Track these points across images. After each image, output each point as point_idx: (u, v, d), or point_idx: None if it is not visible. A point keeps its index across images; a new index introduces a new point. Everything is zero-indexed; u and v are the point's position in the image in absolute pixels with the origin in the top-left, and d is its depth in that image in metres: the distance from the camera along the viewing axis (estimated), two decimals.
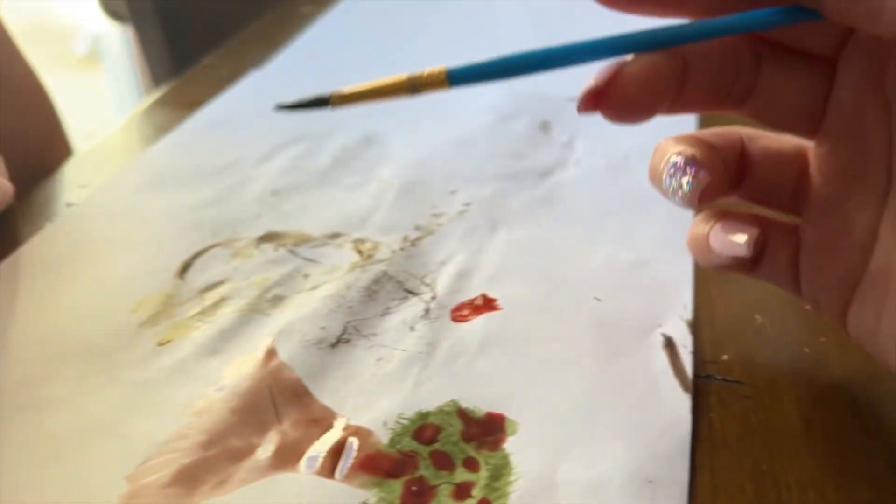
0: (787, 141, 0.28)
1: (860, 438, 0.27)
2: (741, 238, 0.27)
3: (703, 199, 0.25)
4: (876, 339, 0.25)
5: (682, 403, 0.28)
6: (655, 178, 0.27)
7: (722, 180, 0.26)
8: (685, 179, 0.25)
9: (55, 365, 0.30)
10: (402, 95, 0.26)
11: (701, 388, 0.29)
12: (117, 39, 1.51)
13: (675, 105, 0.26)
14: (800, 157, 0.27)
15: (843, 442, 0.27)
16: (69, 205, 0.40)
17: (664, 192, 0.26)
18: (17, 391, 0.28)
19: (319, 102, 0.27)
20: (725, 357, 0.30)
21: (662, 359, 0.30)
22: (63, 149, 0.60)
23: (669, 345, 0.30)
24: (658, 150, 0.27)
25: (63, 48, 2.39)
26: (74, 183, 0.42)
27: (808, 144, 0.27)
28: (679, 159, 0.25)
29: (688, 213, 0.37)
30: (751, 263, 0.28)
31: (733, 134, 0.28)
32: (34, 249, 0.36)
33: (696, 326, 0.32)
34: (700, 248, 0.28)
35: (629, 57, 0.24)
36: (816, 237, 0.27)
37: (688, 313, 0.32)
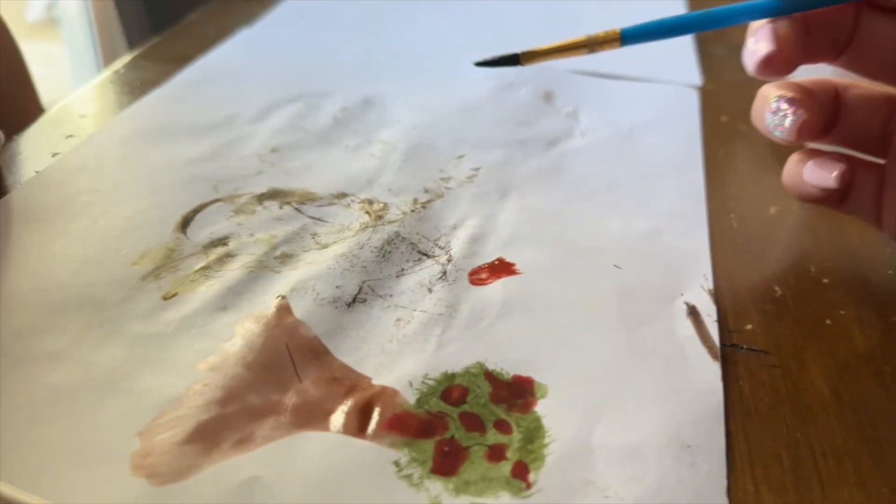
0: (877, 89, 0.30)
1: (888, 408, 0.27)
2: (832, 171, 0.30)
3: (800, 135, 0.28)
4: None
5: (712, 371, 0.27)
6: (758, 119, 0.30)
7: (818, 120, 0.29)
8: (787, 118, 0.28)
9: (53, 316, 0.28)
10: (581, 54, 0.30)
11: (728, 356, 0.29)
12: (76, 6, 1.46)
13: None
14: (889, 103, 0.30)
15: (873, 413, 0.27)
16: (55, 154, 0.37)
17: (766, 129, 0.29)
18: (13, 343, 0.27)
19: (511, 60, 0.30)
20: (749, 327, 0.30)
21: (688, 327, 0.29)
22: (35, 110, 0.57)
23: (693, 313, 0.30)
24: (760, 95, 0.30)
25: (15, 14, 2.30)
26: (60, 133, 0.40)
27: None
28: (781, 100, 0.29)
29: (698, 187, 0.37)
30: (839, 197, 0.31)
31: (828, 83, 0.30)
32: (23, 198, 0.34)
33: (717, 296, 0.31)
34: (794, 181, 0.31)
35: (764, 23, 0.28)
36: None
37: (709, 283, 0.32)
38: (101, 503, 0.22)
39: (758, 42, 0.28)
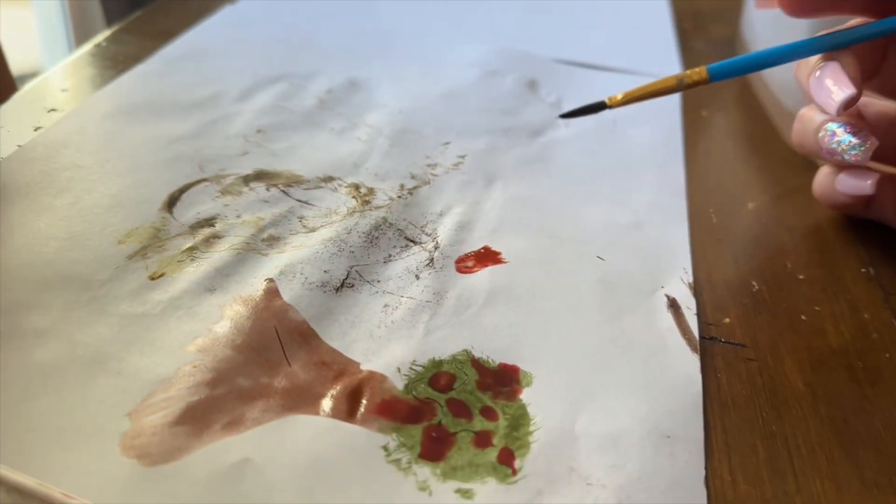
0: (893, 105, 0.34)
1: (859, 402, 0.28)
2: (867, 180, 0.33)
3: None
4: None
5: (691, 363, 0.28)
6: (807, 141, 0.34)
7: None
8: (862, 147, 0.31)
9: (39, 293, 0.28)
10: (671, 93, 0.31)
11: (706, 348, 0.29)
12: None
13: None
14: None
15: (845, 407, 0.27)
16: (38, 128, 0.37)
17: (824, 152, 0.32)
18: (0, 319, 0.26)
19: (598, 107, 0.32)
20: (727, 320, 0.31)
21: (668, 319, 0.30)
22: (5, 77, 0.56)
23: (674, 305, 0.31)
24: (805, 118, 0.34)
25: None
26: (41, 107, 0.39)
27: None
28: (845, 128, 0.31)
29: (678, 180, 0.38)
30: (865, 203, 0.35)
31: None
32: (5, 172, 0.33)
33: (696, 289, 0.32)
34: (826, 191, 0.35)
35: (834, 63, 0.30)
36: None
37: (688, 276, 0.32)
38: (91, 483, 0.22)
39: (837, 85, 0.29)
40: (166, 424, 0.23)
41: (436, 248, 0.32)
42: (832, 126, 0.32)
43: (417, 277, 0.31)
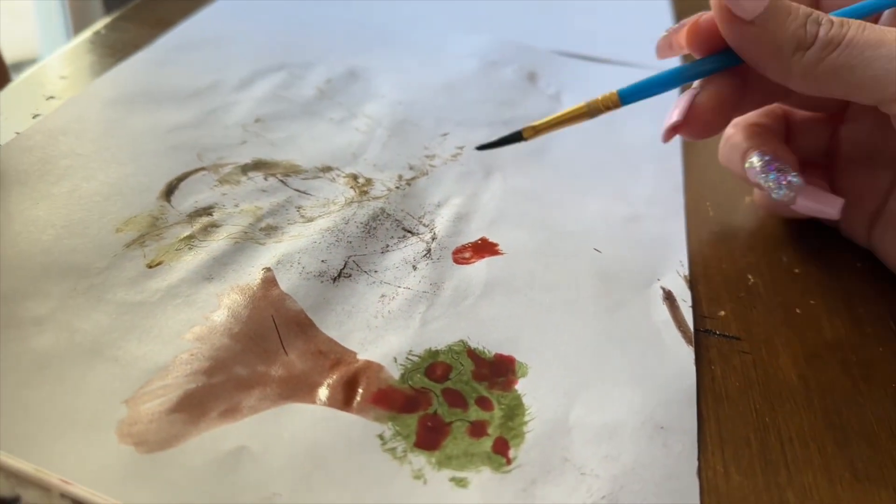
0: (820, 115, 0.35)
1: (853, 396, 0.28)
2: (832, 207, 0.32)
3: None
4: (889, 256, 0.33)
5: (685, 355, 0.28)
6: (730, 164, 0.34)
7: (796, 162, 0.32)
8: (783, 189, 0.31)
9: (37, 282, 0.28)
10: (583, 121, 0.32)
11: (701, 341, 0.30)
12: None
13: (739, 110, 0.33)
14: (832, 121, 0.34)
15: (838, 400, 0.28)
16: (36, 116, 0.37)
17: (749, 180, 0.32)
18: None
19: (514, 138, 0.32)
20: (722, 313, 0.31)
21: (663, 311, 0.30)
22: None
23: (669, 298, 0.31)
24: (729, 143, 0.34)
25: None
26: (40, 94, 0.39)
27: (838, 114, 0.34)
28: (767, 163, 0.31)
29: (676, 174, 0.38)
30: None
31: (777, 110, 0.35)
32: (4, 160, 0.33)
33: (692, 282, 0.32)
34: (765, 201, 0.36)
35: (696, 86, 0.31)
36: (847, 185, 0.33)
37: (684, 269, 0.32)
38: (88, 469, 0.22)
39: (672, 111, 0.31)
40: (163, 412, 0.24)
41: (433, 239, 0.32)
42: (755, 160, 0.31)
43: (415, 268, 0.31)
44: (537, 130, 0.32)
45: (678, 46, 0.31)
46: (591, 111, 0.31)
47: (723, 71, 0.30)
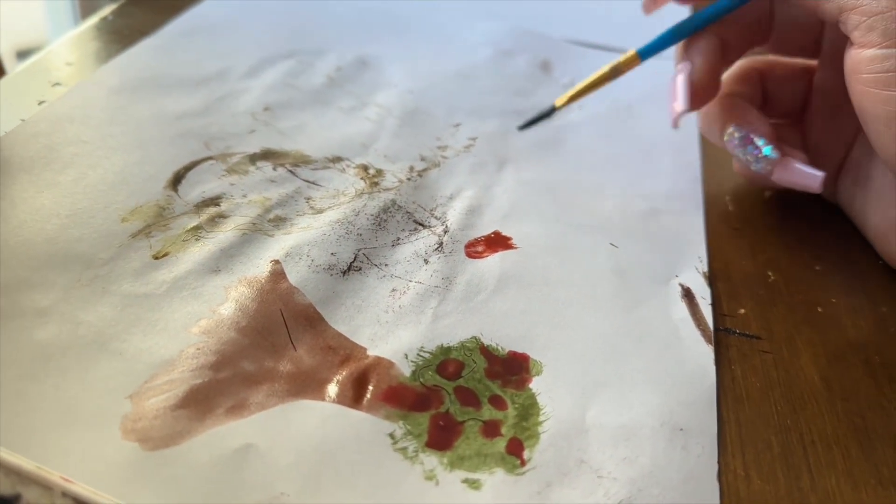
0: (796, 62, 0.35)
1: (877, 398, 0.27)
2: (812, 181, 0.32)
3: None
4: (852, 208, 0.34)
5: (705, 354, 0.28)
6: (710, 135, 0.35)
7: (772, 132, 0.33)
8: (761, 162, 0.32)
9: (40, 271, 0.27)
10: (608, 82, 0.34)
11: (720, 340, 0.29)
12: None
13: (726, 67, 0.35)
14: (806, 74, 0.35)
15: (862, 402, 0.27)
16: (41, 102, 0.36)
17: (734, 155, 0.33)
18: (0, 296, 0.26)
19: (547, 113, 0.35)
20: (742, 311, 0.30)
21: (682, 309, 0.29)
22: None
23: (688, 295, 0.30)
24: (706, 114, 0.35)
25: None
26: (46, 80, 0.38)
27: (812, 63, 0.35)
28: (745, 135, 0.32)
29: (694, 167, 0.37)
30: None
31: (752, 71, 0.35)
32: (9, 146, 0.33)
33: (711, 279, 0.31)
34: (745, 170, 0.35)
35: (681, 66, 0.33)
36: (816, 138, 0.35)
37: (703, 265, 0.32)
38: (90, 467, 0.21)
39: (675, 102, 0.32)
40: (168, 408, 0.23)
41: (445, 231, 0.32)
42: (733, 132, 0.32)
43: (426, 262, 0.30)
44: (568, 100, 0.34)
45: None
46: (614, 72, 0.33)
47: (702, 37, 0.32)
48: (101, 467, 0.21)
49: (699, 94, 0.32)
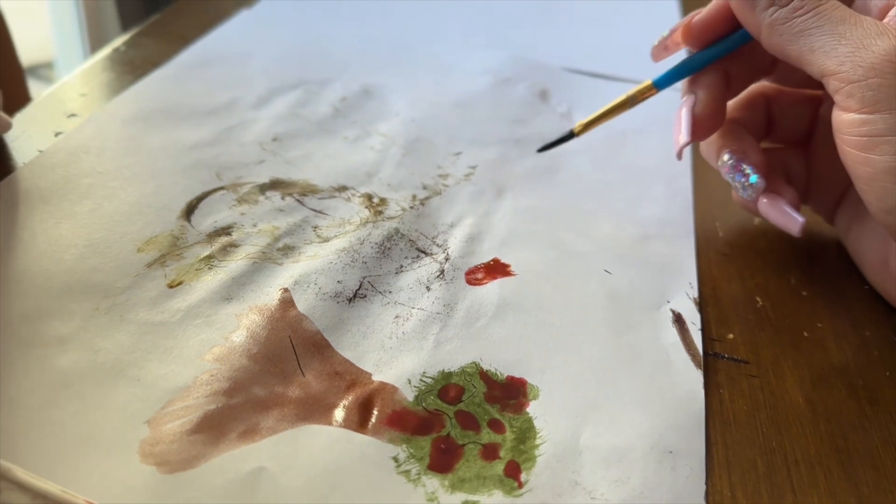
0: (804, 91, 0.36)
1: (859, 420, 0.28)
2: (793, 225, 0.32)
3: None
4: (848, 239, 0.35)
5: (694, 379, 0.29)
6: (711, 160, 0.36)
7: (764, 163, 0.34)
8: (748, 189, 0.33)
9: (60, 301, 0.29)
10: (625, 110, 0.36)
11: (710, 364, 0.30)
12: None
13: (731, 96, 0.35)
14: (814, 102, 0.36)
15: (844, 424, 0.28)
16: (58, 133, 0.38)
17: (727, 179, 0.34)
18: (20, 326, 0.27)
19: (568, 137, 0.37)
20: (731, 336, 0.31)
21: (673, 334, 0.31)
22: (13, 67, 0.57)
23: (679, 321, 0.31)
24: (709, 141, 0.35)
25: None
26: (61, 111, 0.40)
27: (818, 92, 0.36)
28: (735, 162, 0.33)
29: (686, 194, 0.38)
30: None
31: (759, 97, 0.36)
32: (27, 178, 0.34)
33: (701, 304, 0.33)
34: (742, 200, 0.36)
35: (686, 98, 0.34)
36: (819, 167, 0.36)
37: (694, 291, 0.33)
38: (111, 490, 0.22)
39: (678, 130, 0.34)
40: (184, 432, 0.24)
41: (446, 259, 0.33)
42: (726, 158, 0.34)
43: (428, 289, 0.31)
44: (586, 126, 0.36)
45: (674, 45, 0.35)
46: (630, 101, 0.35)
47: (708, 71, 0.34)
48: (121, 490, 0.23)
49: (702, 126, 0.33)
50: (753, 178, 0.33)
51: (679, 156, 0.34)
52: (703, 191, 0.40)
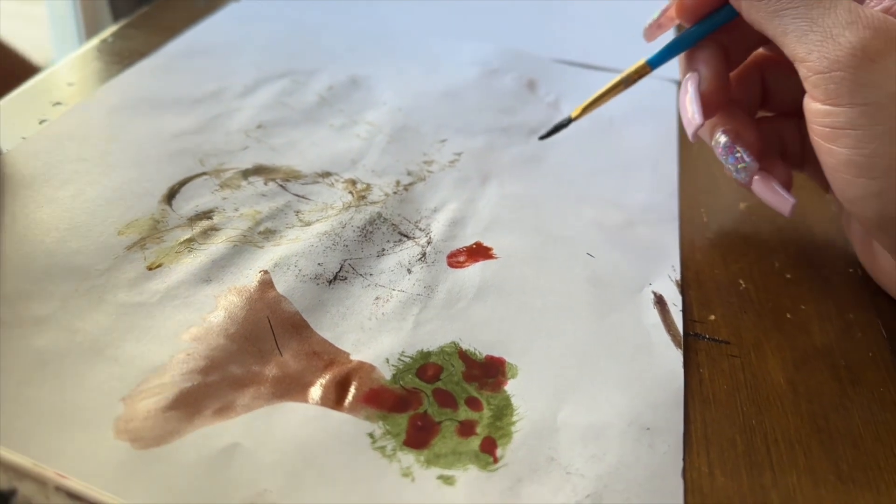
0: None
1: (840, 400, 0.28)
2: (785, 207, 0.32)
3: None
4: (841, 216, 0.35)
5: (674, 358, 0.29)
6: (706, 139, 0.35)
7: (758, 144, 0.33)
8: (741, 172, 0.33)
9: (39, 283, 0.28)
10: (620, 91, 0.35)
11: (690, 345, 0.30)
12: None
13: (733, 68, 0.35)
14: None
15: (826, 404, 0.28)
16: (42, 121, 0.38)
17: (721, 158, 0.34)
18: (1, 307, 0.27)
19: (566, 123, 0.37)
20: (713, 318, 0.31)
21: (654, 315, 0.31)
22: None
23: (660, 302, 0.31)
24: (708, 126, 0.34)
25: None
26: (47, 100, 0.40)
27: None
28: (729, 143, 0.33)
29: (672, 180, 0.38)
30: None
31: (754, 72, 0.35)
32: (10, 164, 0.34)
33: (684, 287, 0.32)
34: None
35: (689, 76, 0.33)
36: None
37: (676, 274, 0.33)
38: (84, 464, 0.22)
39: (688, 115, 0.33)
40: (159, 409, 0.24)
41: (428, 243, 0.33)
42: (720, 138, 0.33)
43: (409, 271, 0.31)
44: (583, 110, 0.36)
45: (668, 21, 0.34)
46: (626, 82, 0.35)
47: (705, 46, 0.33)
48: (95, 465, 0.22)
49: (711, 103, 0.32)
50: (747, 160, 0.32)
51: (693, 137, 0.33)
52: (690, 177, 0.40)
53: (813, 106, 0.28)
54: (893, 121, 0.25)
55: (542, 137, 0.38)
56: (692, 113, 0.32)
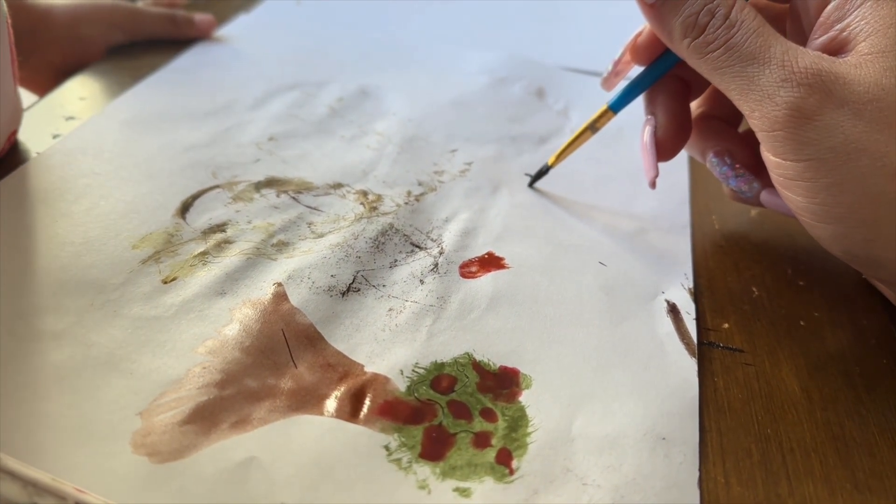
0: None
1: (855, 407, 0.28)
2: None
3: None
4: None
5: (688, 367, 0.29)
6: (696, 158, 0.35)
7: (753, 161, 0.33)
8: (746, 192, 0.33)
9: (55, 297, 0.29)
10: (588, 138, 0.36)
11: (704, 353, 0.30)
12: None
13: (694, 99, 0.35)
14: None
15: (841, 411, 0.28)
16: (56, 136, 0.38)
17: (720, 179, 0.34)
18: (16, 322, 0.27)
19: (543, 171, 0.38)
20: (726, 325, 0.31)
21: (667, 323, 0.31)
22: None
23: (674, 310, 0.31)
24: (691, 143, 0.35)
25: None
26: (60, 115, 0.40)
27: None
28: (727, 164, 0.33)
29: (682, 187, 0.38)
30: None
31: None
32: (24, 178, 0.35)
33: (697, 295, 0.32)
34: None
35: (651, 122, 0.33)
36: None
37: (689, 282, 0.33)
38: (102, 479, 0.23)
39: (646, 166, 0.33)
40: (176, 423, 0.24)
41: (440, 253, 0.33)
42: (713, 160, 0.33)
43: (422, 282, 0.31)
44: (557, 157, 0.37)
45: (625, 66, 0.34)
46: (592, 128, 0.36)
47: (663, 84, 0.33)
48: (113, 480, 0.23)
49: (666, 148, 0.33)
50: (754, 183, 0.32)
51: (652, 185, 0.33)
52: (701, 184, 0.40)
53: (766, 156, 0.28)
54: (837, 173, 0.25)
55: (530, 185, 0.39)
56: (647, 164, 0.33)
